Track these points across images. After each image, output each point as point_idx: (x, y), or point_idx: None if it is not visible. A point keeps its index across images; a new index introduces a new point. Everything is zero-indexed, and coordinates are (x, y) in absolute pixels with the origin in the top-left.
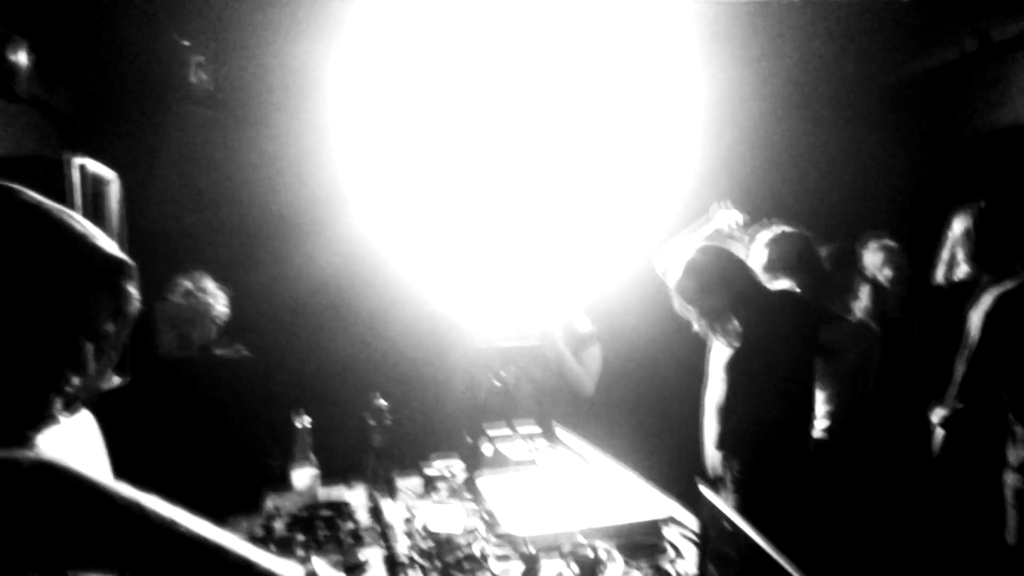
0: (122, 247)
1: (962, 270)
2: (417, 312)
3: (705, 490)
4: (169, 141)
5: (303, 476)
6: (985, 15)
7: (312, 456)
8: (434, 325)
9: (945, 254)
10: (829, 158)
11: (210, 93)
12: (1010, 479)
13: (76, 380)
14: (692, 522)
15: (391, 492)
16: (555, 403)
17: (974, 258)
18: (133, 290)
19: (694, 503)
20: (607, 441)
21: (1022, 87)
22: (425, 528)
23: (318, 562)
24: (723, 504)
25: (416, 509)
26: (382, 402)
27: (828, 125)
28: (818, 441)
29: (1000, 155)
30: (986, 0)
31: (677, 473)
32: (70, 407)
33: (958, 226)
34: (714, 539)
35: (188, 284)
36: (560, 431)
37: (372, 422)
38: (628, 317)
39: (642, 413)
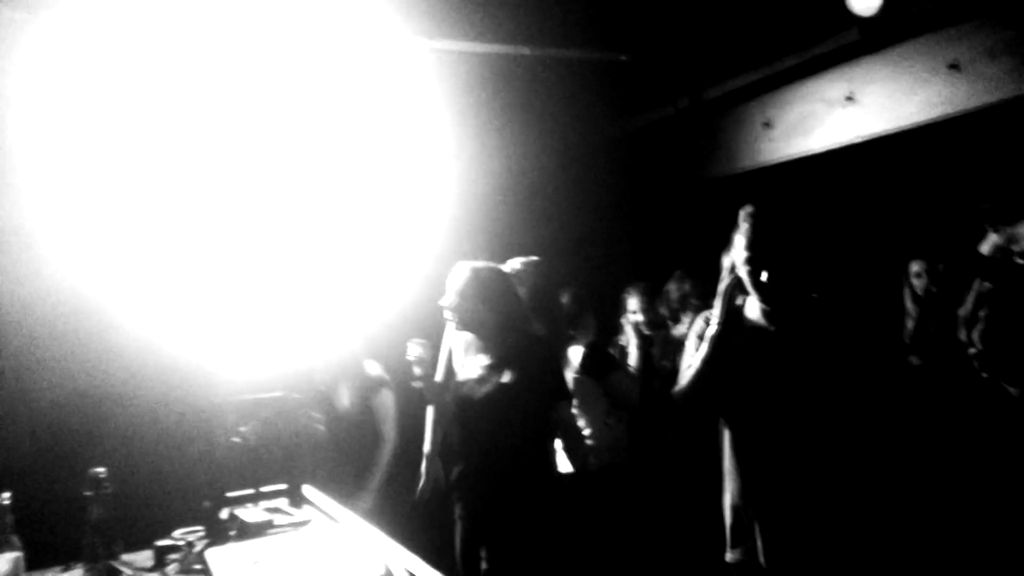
0: None
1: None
2: (142, 361)
3: None
4: None
5: (2, 563)
6: (696, 76)
7: (14, 539)
8: (163, 376)
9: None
10: (566, 207)
11: None
12: None
13: None
14: None
15: (109, 573)
16: (304, 460)
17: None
18: None
19: (439, 557)
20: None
21: (727, 140)
22: None
23: None
24: None
25: None
26: (99, 469)
27: (562, 177)
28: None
29: (713, 203)
30: (696, 63)
31: (431, 525)
32: None
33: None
34: None
35: None
36: (309, 491)
37: (88, 493)
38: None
39: (399, 465)
